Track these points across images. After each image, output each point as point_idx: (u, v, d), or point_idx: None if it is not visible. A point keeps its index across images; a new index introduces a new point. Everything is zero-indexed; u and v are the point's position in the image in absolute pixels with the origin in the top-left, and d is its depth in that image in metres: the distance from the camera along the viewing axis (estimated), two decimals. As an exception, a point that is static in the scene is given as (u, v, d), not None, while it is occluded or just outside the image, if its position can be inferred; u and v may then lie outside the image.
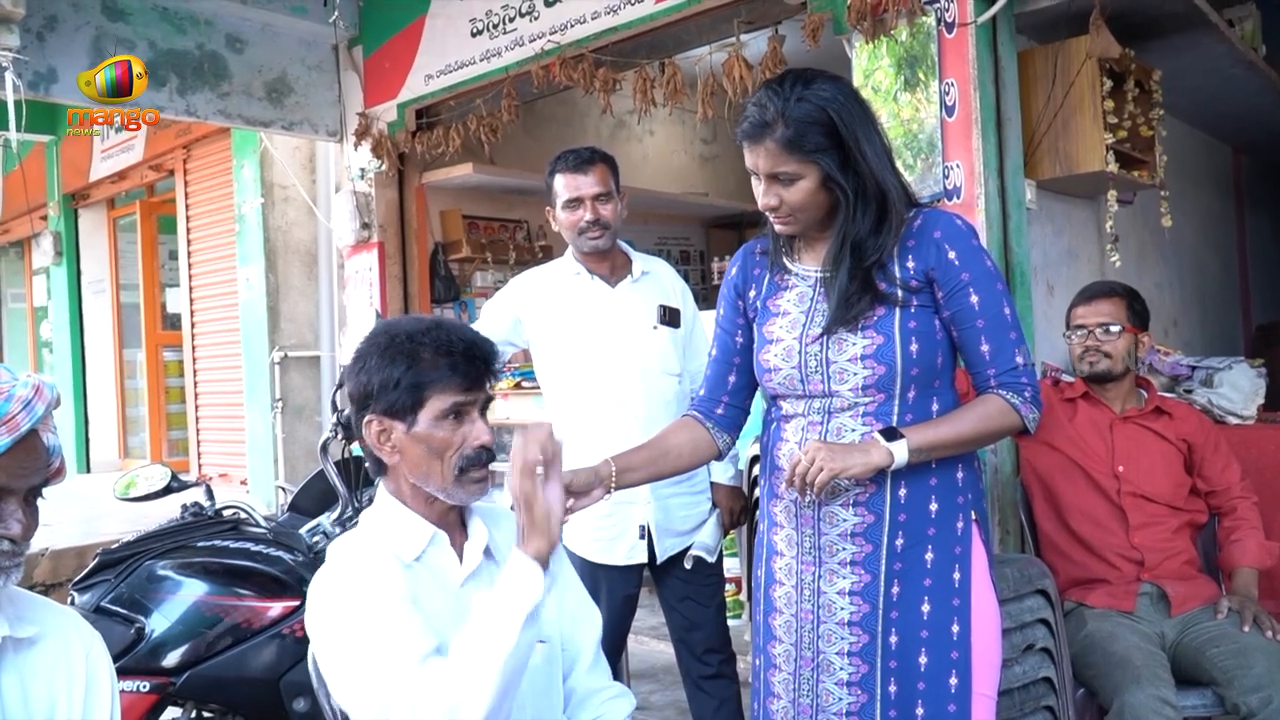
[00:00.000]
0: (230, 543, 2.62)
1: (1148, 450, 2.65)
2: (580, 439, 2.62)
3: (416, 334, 1.61)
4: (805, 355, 1.84)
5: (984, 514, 1.90)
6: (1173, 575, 2.55)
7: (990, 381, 1.81)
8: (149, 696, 2.41)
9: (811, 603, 1.87)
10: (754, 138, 1.78)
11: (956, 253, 1.79)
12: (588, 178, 2.66)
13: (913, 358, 1.78)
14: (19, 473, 1.26)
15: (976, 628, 1.81)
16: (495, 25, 4.52)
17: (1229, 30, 3.97)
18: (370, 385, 1.60)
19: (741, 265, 2.02)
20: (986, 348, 1.80)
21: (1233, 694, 2.26)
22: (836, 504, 1.83)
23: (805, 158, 1.75)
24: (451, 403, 1.59)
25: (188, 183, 6.80)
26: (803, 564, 1.88)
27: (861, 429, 1.80)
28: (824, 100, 1.74)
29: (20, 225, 8.59)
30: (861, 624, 1.83)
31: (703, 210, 7.34)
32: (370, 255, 5.27)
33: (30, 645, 1.35)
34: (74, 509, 5.70)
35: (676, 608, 2.77)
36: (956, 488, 1.85)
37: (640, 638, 4.22)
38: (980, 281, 1.79)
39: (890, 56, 3.20)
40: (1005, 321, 1.80)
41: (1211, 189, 5.88)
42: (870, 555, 1.82)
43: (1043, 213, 3.44)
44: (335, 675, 1.51)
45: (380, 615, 1.47)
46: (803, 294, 1.89)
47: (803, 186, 1.77)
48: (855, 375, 1.80)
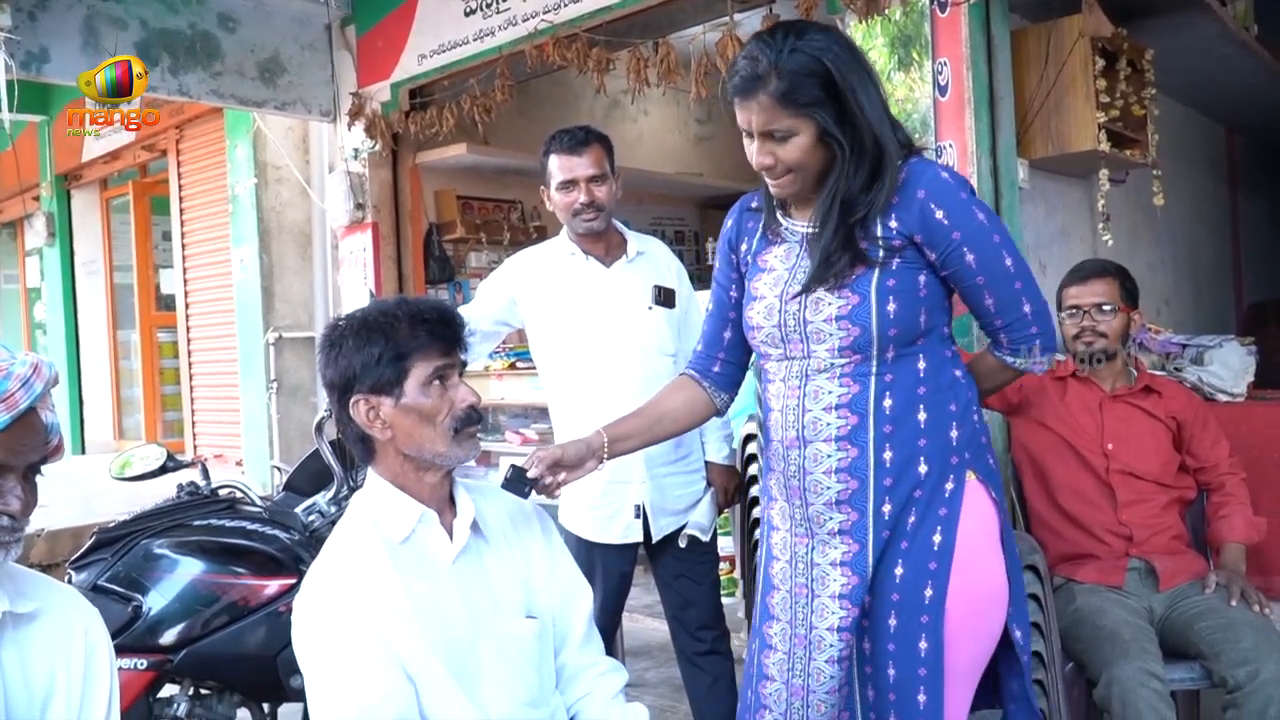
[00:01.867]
0: (226, 521, 2.62)
1: (1137, 428, 2.66)
2: (575, 419, 2.63)
3: (387, 311, 1.64)
4: (784, 314, 1.79)
5: (989, 473, 1.82)
6: (1161, 550, 2.57)
7: (1000, 336, 1.80)
8: (146, 674, 2.42)
9: (806, 576, 1.83)
10: (746, 93, 1.68)
11: (945, 211, 1.70)
12: (582, 159, 2.63)
13: (889, 318, 1.71)
14: (18, 450, 1.27)
15: (956, 595, 1.73)
16: (488, 4, 4.50)
17: (1221, 10, 3.98)
18: (352, 368, 1.61)
19: (736, 219, 1.96)
20: (990, 301, 1.76)
21: (1220, 667, 2.28)
22: (820, 471, 1.78)
23: (800, 112, 1.66)
24: (434, 367, 1.62)
25: (181, 163, 6.78)
26: (796, 537, 1.85)
27: (839, 390, 1.75)
28: (818, 50, 1.65)
29: (12, 206, 8.56)
30: (850, 597, 1.78)
31: (697, 190, 7.33)
32: (364, 236, 5.27)
33: (30, 621, 1.36)
34: (70, 489, 5.71)
35: (671, 585, 2.79)
36: (949, 448, 1.77)
37: (635, 615, 4.24)
38: (974, 237, 1.71)
39: (884, 35, 3.20)
40: (1007, 272, 1.74)
41: (1204, 168, 5.89)
42: (857, 523, 1.77)
43: (1035, 192, 3.45)
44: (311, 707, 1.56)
45: (349, 677, 1.51)
46: (789, 249, 1.83)
47: (798, 143, 1.69)
48: (831, 336, 1.74)
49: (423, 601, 1.58)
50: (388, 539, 1.61)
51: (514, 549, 1.74)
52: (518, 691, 1.65)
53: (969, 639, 1.76)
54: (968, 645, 1.77)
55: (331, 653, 1.52)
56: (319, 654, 1.54)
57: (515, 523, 1.77)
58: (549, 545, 1.81)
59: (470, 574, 1.66)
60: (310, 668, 1.54)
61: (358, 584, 1.56)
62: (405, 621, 1.54)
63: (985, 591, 1.77)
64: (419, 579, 1.60)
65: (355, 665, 1.51)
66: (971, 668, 1.80)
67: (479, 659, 1.62)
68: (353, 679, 1.50)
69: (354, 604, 1.54)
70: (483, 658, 1.62)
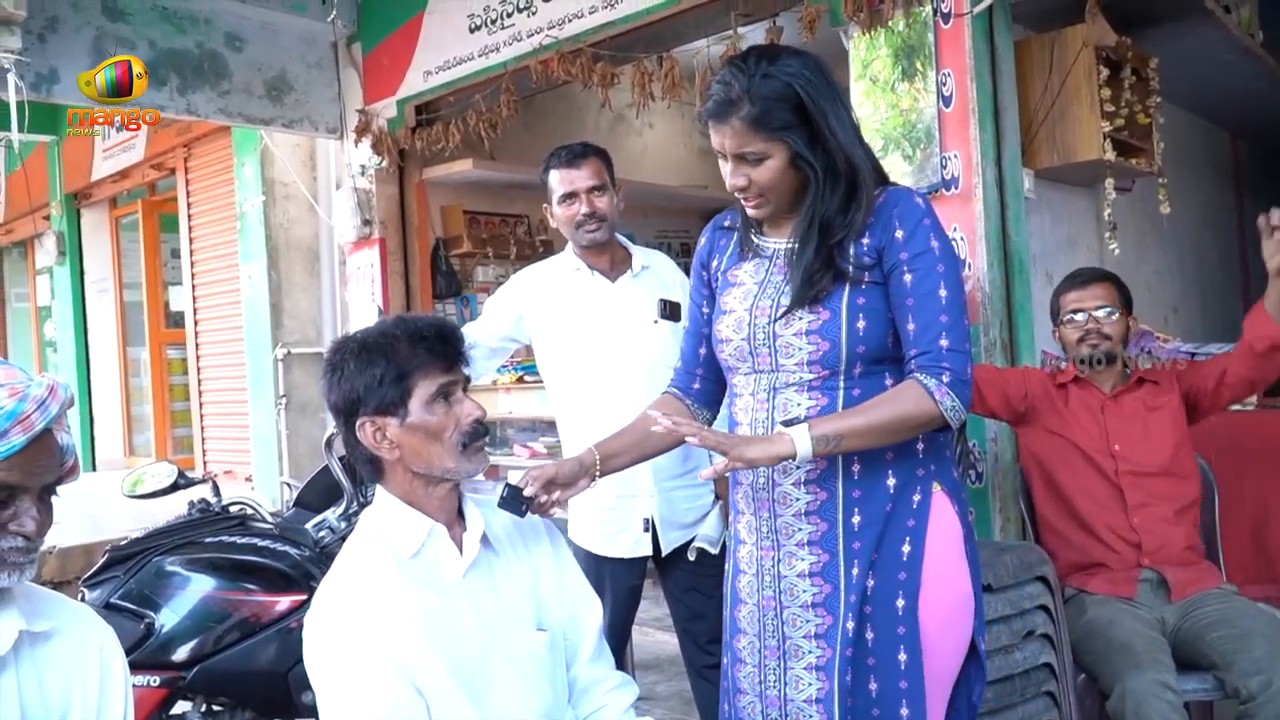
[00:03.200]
0: (237, 538, 2.63)
1: (1140, 423, 2.68)
2: (582, 432, 2.63)
3: (386, 331, 1.65)
4: (754, 328, 1.79)
5: (954, 485, 1.82)
6: (1172, 561, 2.57)
7: (911, 364, 1.70)
8: (159, 690, 2.43)
9: (773, 588, 1.83)
10: (719, 116, 1.72)
11: (904, 231, 1.71)
12: (581, 171, 2.67)
13: (859, 334, 1.71)
14: (33, 471, 1.28)
15: (927, 604, 1.73)
16: (493, 21, 4.53)
17: (1225, 16, 3.98)
18: (355, 390, 1.62)
19: (710, 236, 1.99)
20: (912, 326, 1.70)
21: (1233, 677, 2.27)
22: (789, 483, 1.79)
23: (772, 136, 1.70)
24: (438, 385, 1.63)
25: (189, 181, 6.81)
26: (762, 549, 1.84)
27: (808, 403, 1.75)
28: (790, 76, 1.68)
29: (23, 225, 8.62)
30: (825, 605, 1.77)
31: (702, 203, 7.33)
32: (372, 251, 5.29)
33: (46, 639, 1.37)
34: (81, 507, 5.72)
35: (681, 599, 2.79)
36: (916, 459, 1.77)
37: (645, 629, 4.24)
38: (918, 260, 1.70)
39: (887, 47, 3.21)
40: (937, 302, 1.69)
41: (1210, 175, 5.88)
42: (827, 534, 1.77)
43: (1041, 202, 3.45)
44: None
45: (359, 693, 1.51)
46: (759, 264, 1.85)
47: (770, 166, 1.72)
48: (800, 350, 1.74)
49: (433, 616, 1.58)
50: (397, 554, 1.62)
51: (523, 562, 1.75)
52: (532, 704, 1.65)
53: (941, 652, 1.77)
54: (941, 657, 1.77)
55: (341, 669, 1.53)
56: (329, 671, 1.54)
57: (524, 535, 1.78)
58: (557, 558, 1.81)
59: (481, 587, 1.67)
60: (320, 684, 1.55)
61: (367, 600, 1.56)
62: (415, 636, 1.55)
63: (953, 601, 1.77)
64: (430, 593, 1.60)
65: (365, 682, 1.51)
66: (945, 679, 1.80)
67: (492, 672, 1.62)
68: (362, 695, 1.51)
69: (363, 620, 1.54)
70: (496, 671, 1.62)
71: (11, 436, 1.24)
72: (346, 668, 1.52)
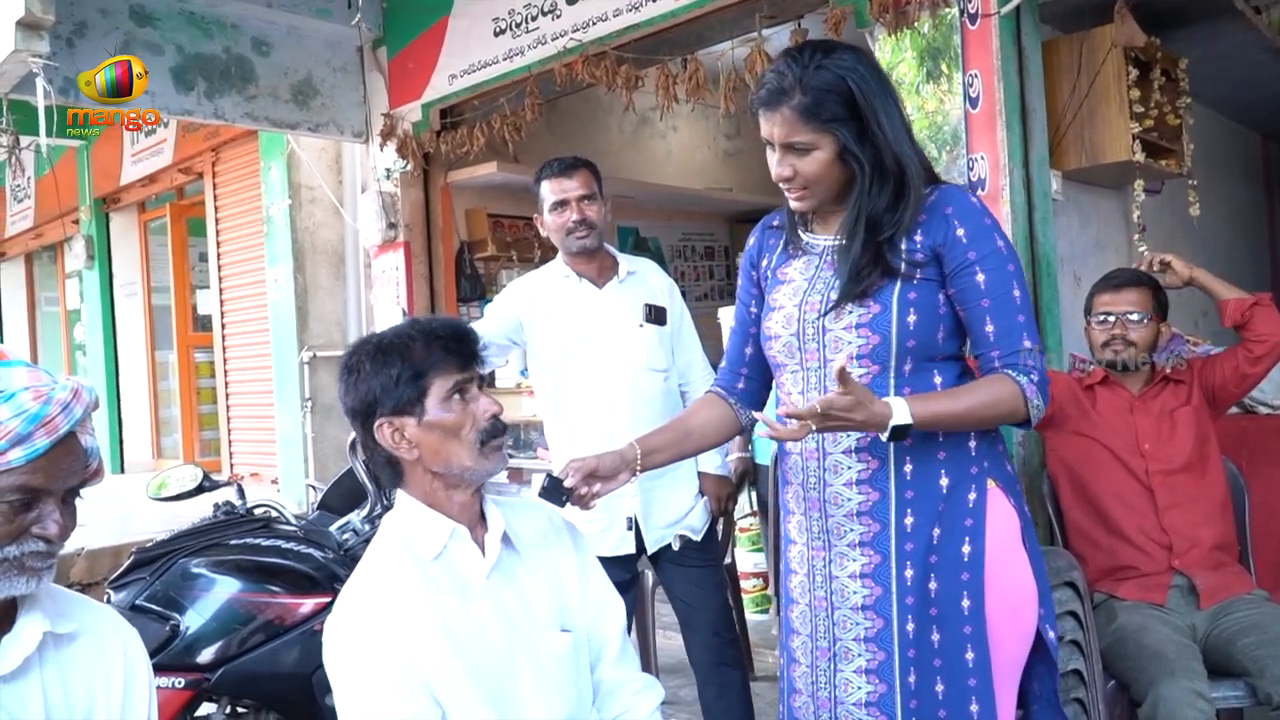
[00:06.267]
0: (262, 541, 2.65)
1: (1167, 421, 2.66)
2: (567, 435, 2.79)
3: (401, 332, 1.65)
4: (803, 323, 1.80)
5: (1008, 479, 1.83)
6: (1202, 562, 2.54)
7: (995, 363, 1.73)
8: (184, 692, 2.44)
9: (824, 589, 1.84)
10: (770, 104, 1.73)
11: (965, 230, 1.73)
12: (572, 181, 2.79)
13: (909, 329, 1.72)
14: (57, 474, 1.28)
15: (993, 601, 1.74)
16: (518, 24, 4.53)
17: (1255, 17, 3.93)
18: (372, 392, 1.62)
19: (759, 236, 2.01)
20: (991, 328, 1.73)
21: (1265, 684, 2.24)
22: (840, 483, 1.79)
23: (821, 127, 1.70)
24: (453, 382, 1.63)
25: (216, 185, 6.87)
26: (813, 550, 1.85)
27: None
28: (843, 69, 1.69)
29: (53, 229, 8.70)
30: (875, 608, 1.79)
31: (727, 206, 7.33)
32: (396, 255, 5.31)
33: (70, 641, 1.38)
34: (108, 509, 5.76)
35: (679, 597, 2.89)
36: (969, 458, 1.78)
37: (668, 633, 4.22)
38: (988, 260, 1.72)
39: (913, 49, 3.19)
40: (1013, 303, 1.73)
41: (1240, 176, 5.82)
42: (879, 535, 1.78)
43: (1069, 203, 3.42)
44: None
45: (376, 700, 1.51)
46: (809, 261, 1.86)
47: (818, 157, 1.73)
48: (850, 344, 1.74)
49: (456, 620, 1.58)
50: (419, 557, 1.61)
51: (546, 563, 1.74)
52: (557, 707, 1.64)
53: (1008, 643, 1.78)
54: (1007, 650, 1.78)
55: (360, 680, 1.53)
56: (347, 676, 1.54)
57: (546, 536, 1.78)
58: (581, 560, 1.80)
59: (504, 589, 1.66)
60: (339, 690, 1.55)
61: (386, 606, 1.56)
62: (436, 644, 1.54)
63: (1017, 595, 1.78)
64: (452, 596, 1.60)
65: (383, 694, 1.51)
66: (1013, 672, 1.81)
67: (516, 674, 1.61)
68: (379, 702, 1.51)
69: (383, 630, 1.54)
70: (520, 673, 1.62)
71: (36, 439, 1.25)
72: (365, 678, 1.52)
